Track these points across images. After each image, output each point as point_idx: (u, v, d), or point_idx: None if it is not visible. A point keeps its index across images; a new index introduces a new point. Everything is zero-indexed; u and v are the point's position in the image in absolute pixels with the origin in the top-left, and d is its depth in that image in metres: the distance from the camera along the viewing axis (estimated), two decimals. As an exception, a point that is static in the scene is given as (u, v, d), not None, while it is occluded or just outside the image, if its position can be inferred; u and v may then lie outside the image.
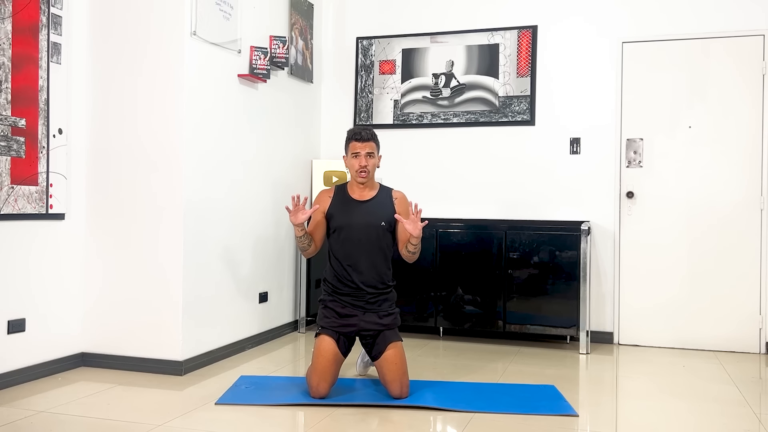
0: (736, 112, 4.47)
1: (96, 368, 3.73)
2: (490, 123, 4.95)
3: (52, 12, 3.54)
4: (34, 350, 3.50)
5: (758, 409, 3.19)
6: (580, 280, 4.37)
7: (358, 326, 3.26)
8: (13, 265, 3.37)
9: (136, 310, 3.71)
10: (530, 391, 3.42)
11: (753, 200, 4.44)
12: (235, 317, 4.19)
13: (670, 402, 3.29)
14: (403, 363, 3.21)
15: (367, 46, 5.26)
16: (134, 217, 3.72)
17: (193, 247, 3.75)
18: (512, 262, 4.53)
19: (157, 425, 2.82)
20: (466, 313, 4.61)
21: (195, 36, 3.72)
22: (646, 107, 4.63)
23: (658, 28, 4.62)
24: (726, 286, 4.47)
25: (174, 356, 3.65)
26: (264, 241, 4.53)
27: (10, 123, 3.31)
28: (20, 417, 2.90)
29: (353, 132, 3.32)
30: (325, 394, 3.18)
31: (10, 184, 3.31)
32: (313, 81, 5.17)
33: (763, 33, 4.43)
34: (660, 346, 4.58)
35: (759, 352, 4.40)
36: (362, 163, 3.28)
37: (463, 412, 3.06)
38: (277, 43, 4.49)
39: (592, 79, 4.76)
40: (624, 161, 4.67)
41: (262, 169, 4.49)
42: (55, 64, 3.57)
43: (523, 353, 4.34)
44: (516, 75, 4.90)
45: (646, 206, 4.63)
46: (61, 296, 3.67)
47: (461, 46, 5.03)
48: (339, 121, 5.32)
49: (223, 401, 3.15)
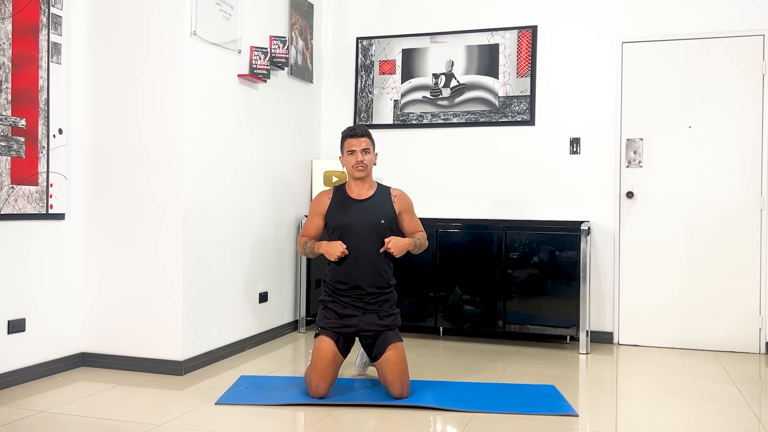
0: (736, 112, 4.47)
1: (96, 368, 3.73)
2: (490, 123, 4.95)
3: (52, 12, 3.54)
4: (34, 350, 3.50)
5: (758, 409, 3.19)
6: (580, 280, 4.37)
7: (357, 327, 3.26)
8: (14, 265, 3.37)
9: (136, 310, 3.72)
10: (530, 391, 3.42)
11: (753, 200, 4.44)
12: (235, 317, 4.19)
13: (670, 402, 3.29)
14: (404, 363, 3.21)
15: (367, 46, 5.26)
16: (134, 216, 3.72)
17: (193, 247, 3.75)
18: (512, 262, 4.53)
19: (157, 425, 2.82)
20: (466, 313, 4.61)
21: (195, 36, 3.72)
22: (646, 107, 4.63)
23: (658, 28, 4.62)
24: (726, 285, 4.47)
25: (174, 356, 3.65)
26: (264, 241, 4.53)
27: (11, 123, 3.31)
28: (20, 417, 2.90)
29: (347, 130, 3.38)
30: (324, 394, 3.18)
31: (10, 184, 3.31)
32: (313, 81, 5.17)
33: (763, 33, 4.43)
34: (660, 346, 4.58)
35: (759, 352, 4.40)
36: (358, 158, 3.30)
37: (463, 412, 3.06)
38: (277, 43, 4.49)
39: (592, 79, 4.76)
40: (624, 161, 4.67)
41: (262, 169, 4.49)
42: (55, 64, 3.57)
43: (523, 353, 4.34)
44: (516, 75, 4.90)
45: (646, 206, 4.63)
46: (61, 296, 3.67)
47: (461, 46, 5.03)
48: (339, 121, 5.32)
49: (223, 401, 3.15)
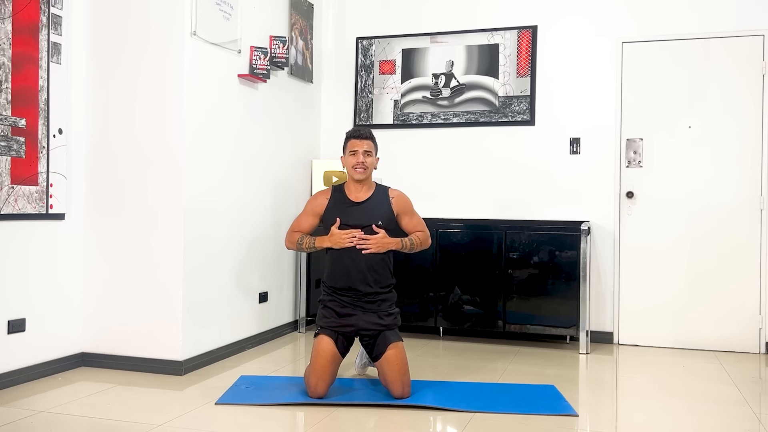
0: (736, 112, 4.47)
1: (96, 368, 3.73)
2: (490, 123, 4.95)
3: (52, 12, 3.54)
4: (34, 350, 3.50)
5: (758, 409, 3.19)
6: (580, 280, 4.37)
7: (357, 326, 3.26)
8: (13, 265, 3.37)
9: (136, 310, 3.71)
10: (530, 391, 3.42)
11: (753, 200, 4.44)
12: (235, 317, 4.19)
13: (670, 402, 3.29)
14: (405, 363, 3.21)
15: (367, 46, 5.25)
16: (134, 216, 3.72)
17: (193, 247, 3.75)
18: (512, 262, 4.52)
19: (157, 425, 2.82)
20: (465, 313, 4.61)
21: (195, 36, 3.72)
22: (646, 107, 4.63)
23: (658, 28, 4.62)
24: (726, 285, 4.47)
25: (174, 356, 3.65)
26: (264, 241, 4.53)
27: (10, 123, 3.31)
28: (20, 417, 2.90)
29: (352, 130, 3.41)
30: (323, 394, 3.18)
31: (10, 184, 3.31)
32: (313, 81, 5.17)
33: (763, 33, 4.43)
34: (660, 346, 4.58)
35: (759, 352, 4.40)
36: (359, 159, 3.30)
37: (463, 412, 3.06)
38: (277, 43, 4.49)
39: (592, 79, 4.76)
40: (624, 161, 4.67)
41: (261, 169, 4.49)
42: (55, 64, 3.57)
43: (523, 353, 4.34)
44: (516, 75, 4.90)
45: (646, 206, 4.63)
46: (61, 296, 3.67)
47: (461, 46, 5.03)
48: (339, 121, 5.32)
49: (223, 401, 3.15)
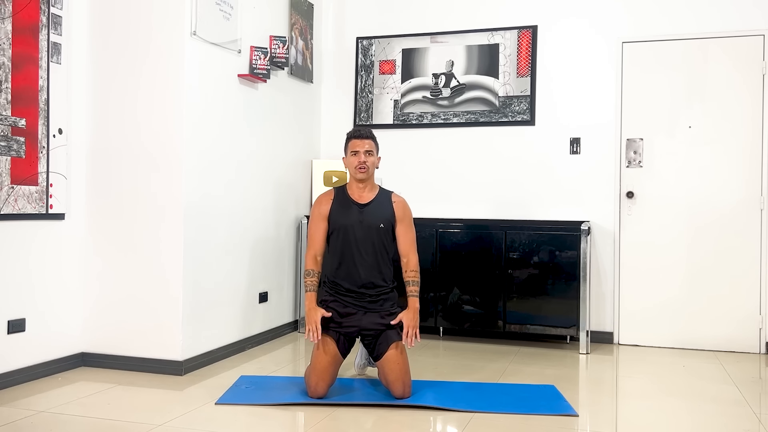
0: (736, 112, 4.47)
1: (96, 368, 3.73)
2: (490, 123, 4.95)
3: (52, 12, 3.54)
4: (34, 350, 3.49)
5: (758, 409, 3.19)
6: (580, 280, 4.37)
7: (359, 326, 3.27)
8: (13, 265, 3.37)
9: (136, 310, 3.71)
10: (530, 391, 3.42)
11: (753, 200, 4.44)
12: (235, 317, 4.19)
13: (670, 402, 3.29)
14: (406, 363, 3.21)
15: (367, 46, 5.25)
16: (134, 216, 3.72)
17: (193, 247, 3.75)
18: (512, 262, 4.52)
19: (157, 425, 2.82)
20: (465, 313, 4.61)
21: (195, 36, 3.72)
22: (645, 107, 4.63)
23: (658, 29, 4.62)
24: (726, 285, 4.47)
25: (174, 356, 3.65)
26: (264, 241, 4.53)
27: (10, 123, 3.31)
28: (20, 417, 2.90)
29: (352, 131, 3.42)
30: (323, 394, 3.18)
31: (10, 184, 3.31)
32: (313, 81, 5.17)
33: (762, 33, 4.43)
34: (660, 346, 4.58)
35: (759, 352, 4.40)
36: (361, 159, 3.31)
37: (463, 412, 3.06)
38: (277, 43, 4.49)
39: (592, 79, 4.76)
40: (624, 161, 4.67)
41: (261, 169, 4.49)
42: (55, 64, 3.57)
43: (523, 353, 4.34)
44: (516, 75, 4.90)
45: (646, 206, 4.63)
46: (61, 296, 3.67)
47: (461, 46, 5.03)
48: (339, 121, 5.32)
49: (223, 401, 3.15)
